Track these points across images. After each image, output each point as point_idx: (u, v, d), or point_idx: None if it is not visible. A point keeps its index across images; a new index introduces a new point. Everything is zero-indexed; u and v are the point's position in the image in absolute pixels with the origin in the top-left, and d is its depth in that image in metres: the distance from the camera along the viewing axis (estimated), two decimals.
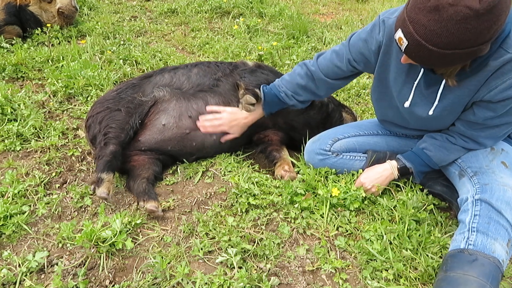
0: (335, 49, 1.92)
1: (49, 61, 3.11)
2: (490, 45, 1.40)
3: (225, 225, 1.76)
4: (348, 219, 1.84)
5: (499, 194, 1.56)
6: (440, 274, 1.47)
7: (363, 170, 1.98)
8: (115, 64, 3.16)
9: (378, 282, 1.55)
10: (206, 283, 1.49)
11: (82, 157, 2.19)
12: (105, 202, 1.87)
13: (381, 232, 1.73)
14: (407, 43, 1.36)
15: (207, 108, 2.11)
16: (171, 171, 2.16)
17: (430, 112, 1.71)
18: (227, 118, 2.06)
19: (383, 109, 1.95)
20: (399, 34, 1.38)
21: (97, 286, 1.50)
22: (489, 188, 1.59)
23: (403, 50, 1.41)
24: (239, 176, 2.04)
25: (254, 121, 2.14)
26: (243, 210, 1.83)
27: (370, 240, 1.71)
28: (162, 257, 1.57)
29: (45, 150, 2.20)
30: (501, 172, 1.65)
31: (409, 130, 1.95)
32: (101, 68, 3.04)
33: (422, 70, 1.65)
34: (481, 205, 1.56)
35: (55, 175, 2.04)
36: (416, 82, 1.69)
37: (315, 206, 1.87)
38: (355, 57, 1.84)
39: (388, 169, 1.88)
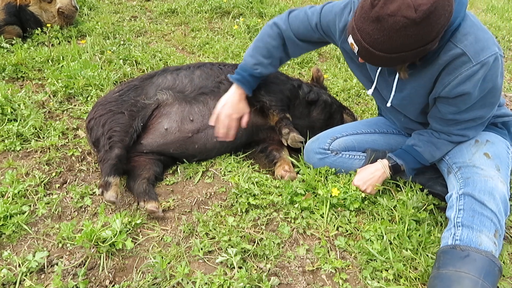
0: (307, 11, 1.92)
1: (49, 61, 3.11)
2: (439, 39, 1.46)
3: (225, 225, 1.76)
4: (348, 219, 1.84)
5: (481, 185, 1.58)
6: (433, 271, 1.48)
7: None
8: (115, 64, 3.15)
9: (378, 282, 1.55)
10: (206, 283, 1.49)
11: (82, 157, 2.19)
12: (114, 205, 1.86)
13: (381, 232, 1.73)
14: (357, 49, 1.46)
15: (209, 123, 2.08)
16: (171, 171, 2.16)
17: (388, 104, 1.80)
18: (228, 110, 2.03)
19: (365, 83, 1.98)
20: (350, 40, 1.48)
21: (97, 286, 1.50)
22: (471, 181, 1.61)
23: (356, 54, 1.50)
24: (239, 176, 2.04)
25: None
26: (243, 210, 1.83)
27: (370, 240, 1.71)
28: (162, 257, 1.57)
29: (45, 150, 2.20)
30: (482, 164, 1.67)
31: (398, 114, 1.96)
32: (101, 68, 3.04)
33: None
34: (464, 199, 1.58)
35: (55, 175, 2.04)
36: (379, 69, 1.77)
37: (315, 206, 1.87)
38: (322, 25, 1.87)
39: (380, 169, 1.88)
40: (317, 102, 2.40)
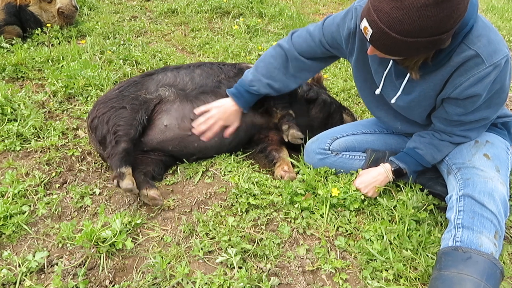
0: (309, 29, 1.92)
1: (49, 61, 3.11)
2: (452, 39, 1.44)
3: (225, 225, 1.76)
4: (348, 219, 1.84)
5: (480, 186, 1.58)
6: (434, 273, 1.47)
7: (362, 169, 1.99)
8: (115, 64, 3.16)
9: (378, 282, 1.55)
10: (206, 283, 1.49)
11: (82, 157, 2.19)
12: (131, 193, 1.86)
13: (381, 232, 1.73)
14: (371, 32, 1.39)
15: (195, 111, 2.10)
16: (171, 171, 2.16)
17: (393, 101, 1.77)
18: (218, 113, 2.05)
19: (368, 97, 1.97)
20: (364, 23, 1.41)
21: (97, 286, 1.50)
22: (471, 182, 1.61)
23: (368, 40, 1.43)
24: (239, 176, 2.04)
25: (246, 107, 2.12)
26: (243, 210, 1.83)
27: (370, 240, 1.71)
28: (162, 257, 1.57)
29: (45, 150, 2.20)
30: (482, 165, 1.67)
31: (395, 122, 1.96)
32: (101, 68, 3.04)
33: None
34: (464, 200, 1.58)
35: (55, 175, 2.04)
36: (386, 71, 1.74)
37: (315, 206, 1.87)
38: (327, 39, 1.86)
39: (382, 173, 1.88)
40: (316, 101, 2.41)
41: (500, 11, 5.84)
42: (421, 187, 1.95)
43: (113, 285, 1.51)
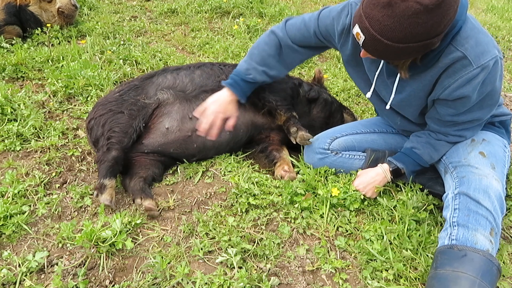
0: (305, 18, 1.92)
1: (49, 61, 3.11)
2: (441, 40, 1.45)
3: (225, 225, 1.76)
4: (348, 219, 1.84)
5: (475, 184, 1.58)
6: (431, 272, 1.48)
7: (361, 169, 1.99)
8: (115, 64, 3.15)
9: (378, 282, 1.55)
10: (206, 283, 1.49)
11: (82, 157, 2.19)
12: (108, 208, 1.86)
13: (381, 232, 1.73)
14: (364, 38, 1.41)
15: (194, 114, 2.07)
16: (171, 171, 2.16)
17: (387, 107, 1.79)
18: (216, 106, 2.01)
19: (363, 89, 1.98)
20: (356, 29, 1.43)
21: (97, 286, 1.50)
22: (466, 180, 1.62)
23: (361, 45, 1.45)
24: (239, 176, 2.04)
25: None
26: (243, 210, 1.83)
27: (370, 240, 1.71)
28: (162, 257, 1.57)
29: (45, 150, 2.20)
30: (477, 163, 1.67)
31: (395, 117, 1.96)
32: (101, 68, 3.03)
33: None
34: (459, 198, 1.58)
35: (55, 175, 2.04)
36: (378, 72, 1.75)
37: (315, 206, 1.87)
38: (321, 30, 1.86)
39: (380, 174, 1.88)
40: (318, 100, 2.41)
41: (500, 11, 5.84)
42: (421, 187, 1.94)
43: (113, 285, 1.51)
